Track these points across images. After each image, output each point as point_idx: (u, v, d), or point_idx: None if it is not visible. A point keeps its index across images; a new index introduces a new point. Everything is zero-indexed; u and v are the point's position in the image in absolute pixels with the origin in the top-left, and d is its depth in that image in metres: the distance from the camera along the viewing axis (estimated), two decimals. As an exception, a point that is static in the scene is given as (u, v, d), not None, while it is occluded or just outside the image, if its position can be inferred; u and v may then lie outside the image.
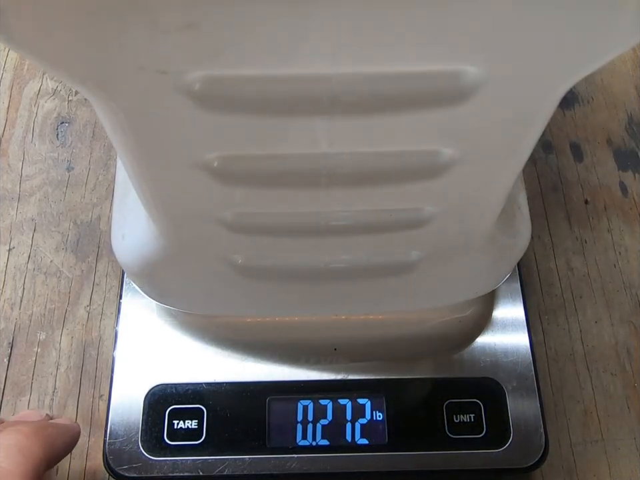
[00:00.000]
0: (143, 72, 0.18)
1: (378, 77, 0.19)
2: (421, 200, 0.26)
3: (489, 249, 0.31)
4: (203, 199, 0.25)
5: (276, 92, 0.19)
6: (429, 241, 0.29)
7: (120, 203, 0.32)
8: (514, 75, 0.19)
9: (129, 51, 0.17)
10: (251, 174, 0.24)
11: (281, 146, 0.22)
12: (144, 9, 0.16)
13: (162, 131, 0.21)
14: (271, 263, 0.31)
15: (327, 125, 0.21)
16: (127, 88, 0.19)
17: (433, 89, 0.20)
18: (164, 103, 0.20)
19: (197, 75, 0.19)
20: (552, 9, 0.17)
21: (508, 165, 0.25)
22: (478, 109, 0.20)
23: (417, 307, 0.38)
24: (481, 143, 0.23)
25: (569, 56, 0.19)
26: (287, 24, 0.17)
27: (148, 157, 0.23)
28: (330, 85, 0.19)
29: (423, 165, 0.24)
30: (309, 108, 0.20)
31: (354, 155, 0.23)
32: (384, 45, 0.18)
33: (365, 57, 0.18)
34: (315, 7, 0.16)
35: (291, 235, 0.28)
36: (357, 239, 0.29)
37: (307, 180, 0.24)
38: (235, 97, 0.20)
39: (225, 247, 0.29)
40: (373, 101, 0.20)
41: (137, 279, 0.34)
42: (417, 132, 0.22)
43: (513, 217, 0.32)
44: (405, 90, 0.20)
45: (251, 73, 0.19)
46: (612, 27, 0.18)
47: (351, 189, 0.25)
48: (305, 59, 0.18)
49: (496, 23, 0.17)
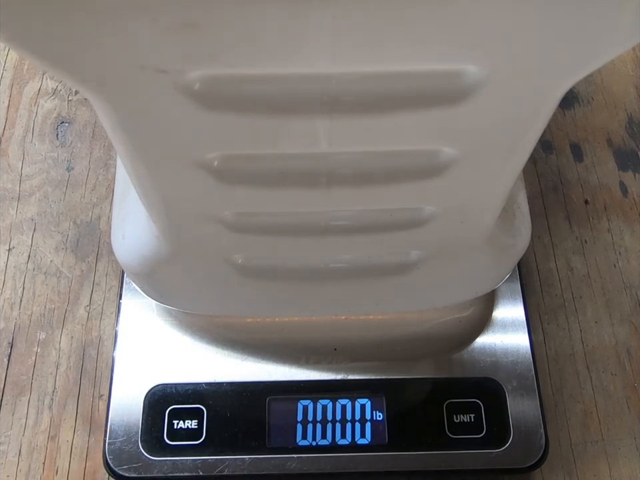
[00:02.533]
0: (143, 71, 0.18)
1: (378, 77, 0.19)
2: (421, 200, 0.26)
3: (489, 249, 0.31)
4: (203, 199, 0.25)
5: (276, 91, 0.19)
6: (428, 240, 0.29)
7: (120, 203, 0.32)
8: (514, 74, 0.19)
9: (128, 50, 0.17)
10: (250, 173, 0.24)
11: (280, 145, 0.22)
12: (144, 8, 0.16)
13: (162, 131, 0.21)
14: (271, 262, 0.31)
15: (327, 124, 0.21)
16: (126, 87, 0.19)
17: (434, 89, 0.20)
18: (164, 102, 0.20)
19: (197, 74, 0.19)
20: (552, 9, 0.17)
21: (508, 165, 0.25)
22: (478, 108, 0.20)
23: (417, 307, 0.38)
24: (481, 143, 0.23)
25: (569, 55, 0.19)
26: (287, 23, 0.17)
27: (148, 157, 0.23)
28: (330, 85, 0.19)
29: (423, 165, 0.24)
30: (308, 107, 0.20)
31: (354, 154, 0.23)
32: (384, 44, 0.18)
33: (364, 56, 0.18)
34: (314, 6, 0.16)
35: (291, 234, 0.28)
36: (357, 239, 0.29)
37: (307, 179, 0.24)
38: (235, 96, 0.20)
39: (225, 246, 0.29)
40: (373, 100, 0.20)
41: (137, 279, 0.34)
42: (417, 131, 0.22)
43: (513, 217, 0.32)
44: (405, 89, 0.20)
45: (251, 73, 0.19)
46: (612, 27, 0.18)
47: (351, 188, 0.25)
48: (305, 58, 0.18)
49: (496, 23, 0.17)
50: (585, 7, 0.17)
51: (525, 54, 0.18)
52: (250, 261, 0.31)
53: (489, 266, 0.33)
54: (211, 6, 0.16)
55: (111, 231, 0.33)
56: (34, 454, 0.38)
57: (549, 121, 0.23)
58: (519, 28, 0.17)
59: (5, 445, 0.39)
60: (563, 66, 0.19)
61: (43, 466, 0.38)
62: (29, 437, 0.39)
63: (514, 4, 0.16)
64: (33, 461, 0.38)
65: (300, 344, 0.39)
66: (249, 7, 0.16)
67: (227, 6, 0.16)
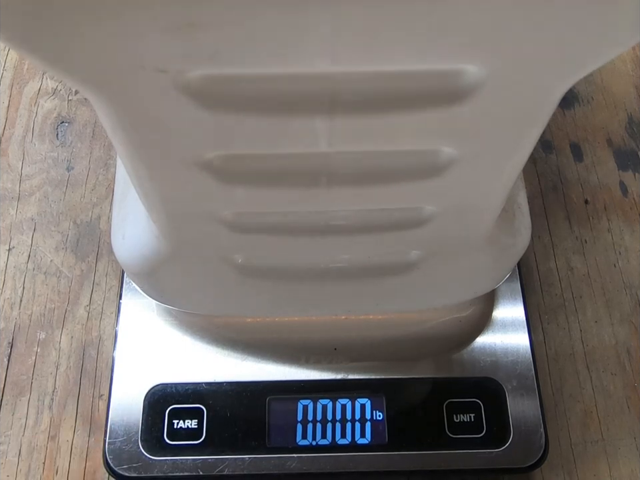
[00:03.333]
0: (143, 71, 0.18)
1: (378, 76, 0.19)
2: (421, 199, 0.26)
3: (489, 248, 0.31)
4: (202, 198, 0.25)
5: (276, 91, 0.19)
6: (428, 240, 0.29)
7: (120, 203, 0.32)
8: (514, 74, 0.19)
9: (128, 51, 0.17)
10: (251, 173, 0.24)
11: (280, 145, 0.22)
12: (144, 8, 0.16)
13: (162, 130, 0.21)
14: (271, 262, 0.31)
15: (327, 124, 0.21)
16: (127, 87, 0.19)
17: (433, 88, 0.20)
18: (164, 101, 0.20)
19: (197, 74, 0.19)
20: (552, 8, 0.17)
21: (508, 164, 0.25)
22: (478, 108, 0.20)
23: (417, 307, 0.38)
24: (482, 142, 0.23)
25: (569, 55, 0.19)
26: (286, 23, 0.17)
27: (148, 156, 0.23)
28: (330, 84, 0.19)
29: (423, 164, 0.24)
30: (308, 107, 0.20)
31: (354, 154, 0.23)
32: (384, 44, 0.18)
33: (364, 56, 0.18)
34: (314, 6, 0.16)
35: (291, 234, 0.28)
36: (357, 238, 0.29)
37: (307, 179, 0.24)
38: (235, 96, 0.20)
39: (225, 246, 0.29)
40: (373, 100, 0.20)
41: (137, 279, 0.34)
42: (417, 131, 0.22)
43: (513, 217, 0.32)
44: (405, 89, 0.20)
45: (251, 72, 0.19)
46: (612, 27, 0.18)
47: (351, 188, 0.25)
48: (305, 58, 0.18)
49: (496, 22, 0.17)
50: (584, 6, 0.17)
51: (524, 54, 0.18)
52: (250, 260, 0.31)
53: (489, 266, 0.33)
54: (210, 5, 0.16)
55: (110, 231, 0.33)
56: (34, 454, 0.38)
57: (549, 120, 0.23)
58: (519, 28, 0.17)
59: (5, 444, 0.39)
60: (563, 66, 0.19)
61: (43, 466, 0.38)
62: (29, 437, 0.39)
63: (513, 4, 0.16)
64: (33, 460, 0.38)
65: (300, 344, 0.39)
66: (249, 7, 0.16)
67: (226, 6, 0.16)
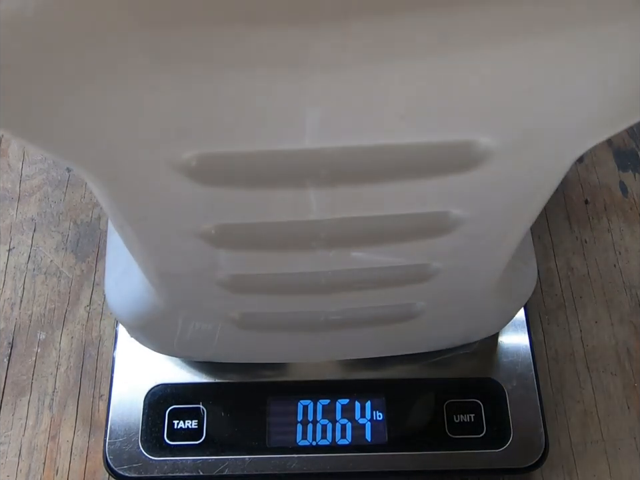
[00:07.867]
0: (139, 153, 0.18)
1: (383, 150, 0.19)
2: (427, 257, 0.26)
3: (496, 295, 0.31)
4: (198, 264, 0.25)
5: (274, 168, 0.19)
6: (434, 293, 0.29)
7: (113, 260, 0.32)
8: (526, 144, 0.19)
9: (125, 134, 0.17)
10: (250, 240, 0.23)
11: (280, 216, 0.22)
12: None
13: (156, 205, 0.21)
14: (271, 317, 0.31)
15: (328, 195, 0.21)
16: (122, 167, 0.19)
17: (442, 159, 0.19)
18: (159, 180, 0.19)
19: (193, 154, 0.18)
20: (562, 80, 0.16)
21: (518, 223, 0.25)
22: (488, 175, 0.20)
23: (420, 351, 0.37)
24: (491, 205, 0.22)
25: (580, 127, 0.19)
26: (284, 103, 0.16)
27: (141, 228, 0.23)
28: (331, 159, 0.19)
29: (430, 225, 0.23)
30: (309, 181, 0.20)
31: (357, 219, 0.23)
32: (390, 118, 0.17)
33: (369, 132, 0.18)
34: (311, 84, 0.16)
35: (291, 293, 0.28)
36: (360, 294, 0.28)
37: (307, 244, 0.24)
38: (233, 173, 0.19)
39: (222, 304, 0.29)
40: (377, 173, 0.20)
41: (132, 332, 0.34)
42: (425, 197, 0.21)
43: (520, 264, 0.32)
44: (412, 161, 0.19)
45: (248, 150, 0.18)
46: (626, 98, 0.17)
47: (353, 250, 0.24)
48: (303, 135, 0.18)
49: (507, 96, 0.17)
50: (595, 79, 0.16)
51: (536, 125, 0.18)
52: (249, 316, 0.30)
53: (495, 311, 0.33)
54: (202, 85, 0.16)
55: (104, 283, 0.32)
56: (34, 454, 0.38)
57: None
58: (532, 100, 0.17)
59: (5, 445, 0.39)
60: (574, 137, 0.19)
61: (43, 466, 0.38)
62: (29, 437, 0.39)
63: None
64: (33, 461, 0.38)
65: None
66: (242, 85, 0.16)
67: (220, 90, 0.16)
